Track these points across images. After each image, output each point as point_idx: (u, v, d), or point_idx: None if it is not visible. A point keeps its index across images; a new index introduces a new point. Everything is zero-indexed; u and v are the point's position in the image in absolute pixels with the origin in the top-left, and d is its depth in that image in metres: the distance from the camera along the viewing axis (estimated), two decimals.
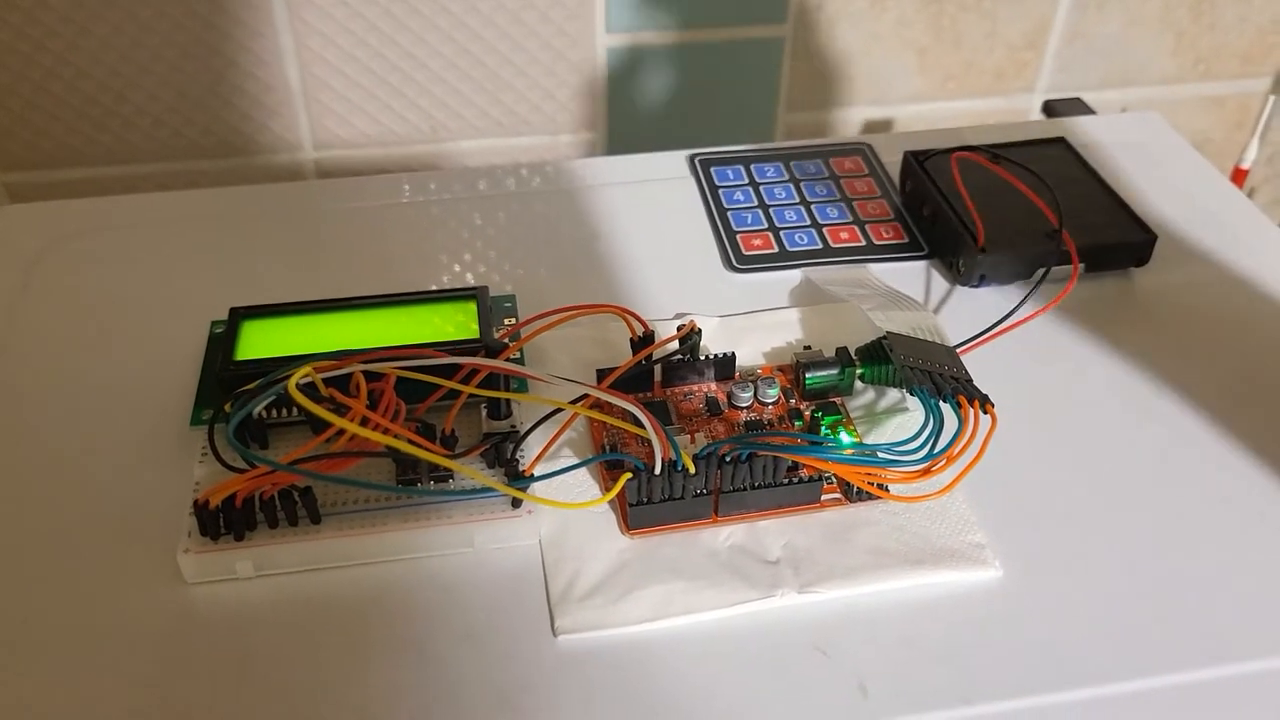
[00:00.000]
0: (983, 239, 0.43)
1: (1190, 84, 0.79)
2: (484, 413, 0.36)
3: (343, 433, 0.32)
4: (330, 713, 0.29)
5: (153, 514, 0.34)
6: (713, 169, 0.51)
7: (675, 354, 0.38)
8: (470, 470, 0.33)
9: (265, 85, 0.67)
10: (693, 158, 0.51)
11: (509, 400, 0.36)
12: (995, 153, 0.46)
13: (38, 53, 0.64)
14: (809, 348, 0.39)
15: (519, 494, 0.33)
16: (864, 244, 0.46)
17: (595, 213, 0.48)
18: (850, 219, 0.48)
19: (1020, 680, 0.30)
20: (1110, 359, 0.40)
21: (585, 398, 0.35)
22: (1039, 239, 0.43)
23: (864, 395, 0.38)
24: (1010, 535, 0.34)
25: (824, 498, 0.34)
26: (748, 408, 0.37)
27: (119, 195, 0.61)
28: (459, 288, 0.41)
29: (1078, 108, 0.66)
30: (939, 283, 0.44)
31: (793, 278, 0.44)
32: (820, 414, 0.36)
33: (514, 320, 0.41)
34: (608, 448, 0.35)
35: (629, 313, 0.38)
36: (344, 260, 0.45)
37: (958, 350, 0.38)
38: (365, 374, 0.34)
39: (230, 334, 0.38)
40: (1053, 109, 0.68)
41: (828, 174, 0.50)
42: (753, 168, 0.51)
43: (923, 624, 0.31)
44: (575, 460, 0.35)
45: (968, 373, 0.36)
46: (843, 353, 0.38)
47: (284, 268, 0.45)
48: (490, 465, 0.34)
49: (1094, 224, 0.44)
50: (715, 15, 0.70)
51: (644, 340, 0.38)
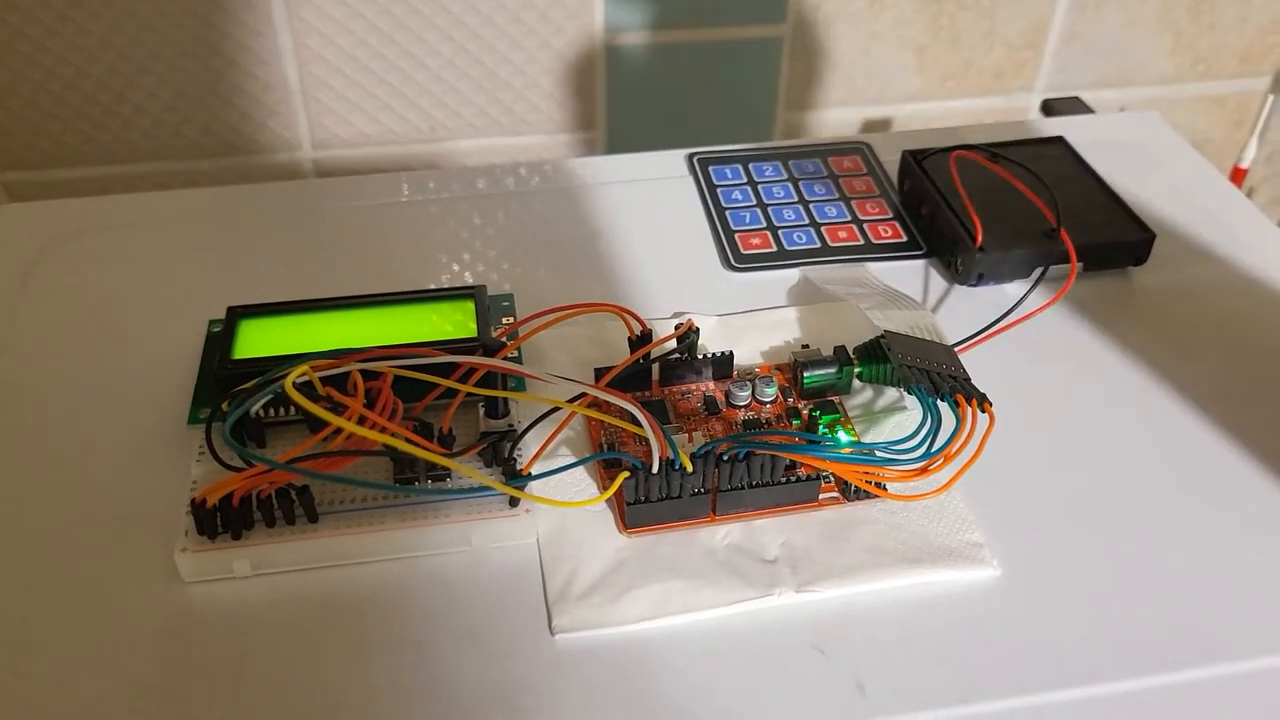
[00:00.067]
0: (981, 238, 0.43)
1: (1189, 83, 0.79)
2: (482, 411, 0.36)
3: (340, 431, 0.32)
4: (328, 712, 0.29)
5: (150, 513, 0.34)
6: (711, 168, 0.51)
7: (673, 353, 0.38)
8: (468, 469, 0.33)
9: (264, 84, 0.67)
10: (691, 157, 0.51)
11: (507, 399, 0.36)
12: (994, 152, 0.46)
13: (37, 52, 0.64)
14: (807, 346, 0.39)
15: (516, 493, 0.33)
16: (862, 243, 0.46)
17: (594, 212, 0.48)
18: (849, 218, 0.47)
19: (1018, 679, 0.30)
20: (1108, 358, 0.40)
21: (583, 396, 0.35)
22: (1037, 238, 0.43)
23: (862, 394, 0.38)
24: (1008, 534, 0.34)
25: (822, 496, 0.34)
26: (745, 406, 0.37)
27: (118, 194, 0.61)
28: (457, 286, 0.41)
29: (1076, 107, 0.66)
30: (937, 282, 0.44)
31: (791, 277, 0.44)
32: (818, 413, 0.36)
33: (512, 319, 0.41)
34: (605, 446, 0.35)
35: (627, 311, 0.38)
36: (342, 259, 0.45)
37: (956, 349, 0.38)
38: (363, 373, 0.34)
39: (228, 333, 0.38)
40: (1051, 108, 0.68)
41: (826, 173, 0.50)
42: (751, 167, 0.51)
43: (920, 623, 0.31)
44: (573, 459, 0.35)
45: (966, 372, 0.36)
46: (841, 351, 0.38)
47: (283, 266, 0.45)
48: (488, 464, 0.34)
49: (1092, 223, 0.44)
50: (714, 15, 0.70)
51: (642, 339, 0.38)
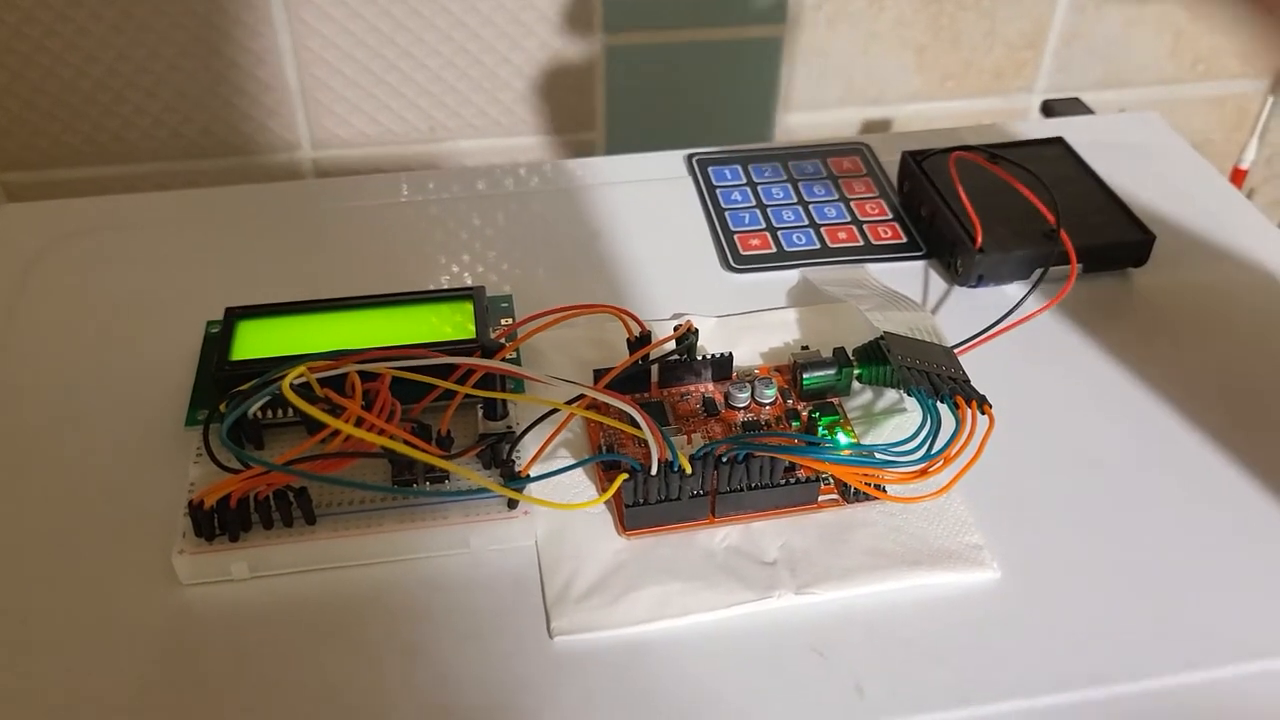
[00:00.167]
0: (981, 239, 0.43)
1: (1189, 84, 0.79)
2: (480, 413, 0.36)
3: (338, 433, 0.32)
4: (326, 714, 0.29)
5: (147, 514, 0.34)
6: (710, 169, 0.51)
7: (672, 354, 0.38)
8: (466, 471, 0.32)
9: (264, 84, 0.67)
10: (690, 157, 0.51)
11: (505, 401, 0.36)
12: (993, 153, 0.46)
13: (36, 52, 0.64)
14: (806, 348, 0.39)
15: (515, 495, 0.33)
16: (862, 244, 0.46)
17: (593, 212, 0.48)
18: (848, 219, 0.47)
19: (1017, 681, 0.30)
20: (1108, 359, 0.40)
21: (582, 398, 0.34)
22: (1037, 239, 0.43)
23: (861, 396, 0.38)
24: (1007, 536, 0.34)
25: (821, 498, 0.34)
26: (745, 408, 0.37)
27: (117, 195, 0.61)
28: (456, 288, 0.41)
29: (1076, 108, 0.66)
30: (937, 283, 0.44)
31: (790, 278, 0.44)
32: (817, 414, 0.36)
33: (511, 320, 0.41)
34: (604, 448, 0.35)
35: (626, 313, 0.38)
36: (341, 260, 0.45)
37: (955, 351, 0.38)
38: (360, 374, 0.34)
39: (226, 334, 0.38)
40: (1051, 109, 0.68)
41: (826, 174, 0.50)
42: (751, 167, 0.51)
43: (920, 625, 0.31)
44: (571, 461, 0.35)
45: (965, 373, 0.36)
46: (840, 353, 0.38)
47: (282, 267, 0.44)
48: (486, 466, 0.34)
49: (1092, 224, 0.44)
50: (714, 15, 0.70)
51: (641, 340, 0.38)
